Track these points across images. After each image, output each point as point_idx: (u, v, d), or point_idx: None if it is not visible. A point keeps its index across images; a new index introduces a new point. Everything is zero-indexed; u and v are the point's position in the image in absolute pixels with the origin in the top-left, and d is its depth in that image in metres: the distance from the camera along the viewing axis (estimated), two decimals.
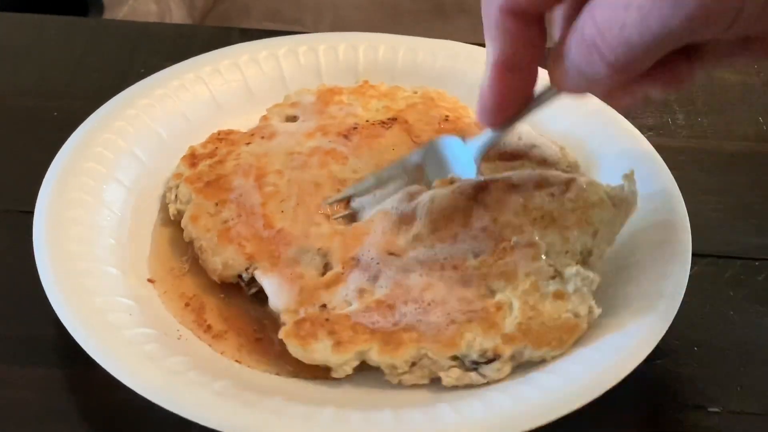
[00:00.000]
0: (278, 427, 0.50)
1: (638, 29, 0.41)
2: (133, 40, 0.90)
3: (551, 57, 0.49)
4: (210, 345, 0.59)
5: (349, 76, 0.79)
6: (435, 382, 0.56)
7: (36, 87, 0.84)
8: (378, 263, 0.58)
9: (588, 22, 0.44)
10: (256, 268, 0.60)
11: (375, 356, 0.54)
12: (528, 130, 0.71)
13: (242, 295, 0.62)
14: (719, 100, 0.86)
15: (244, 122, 0.73)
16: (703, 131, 0.83)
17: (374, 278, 0.57)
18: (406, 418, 0.52)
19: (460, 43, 0.82)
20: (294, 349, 0.55)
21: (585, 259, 0.59)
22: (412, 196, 0.61)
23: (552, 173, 0.62)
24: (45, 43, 0.90)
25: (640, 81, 0.47)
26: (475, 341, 0.54)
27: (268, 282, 0.58)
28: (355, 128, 0.70)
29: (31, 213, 0.62)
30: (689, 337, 0.62)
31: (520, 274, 0.56)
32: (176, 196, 0.67)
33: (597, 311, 0.57)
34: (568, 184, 0.60)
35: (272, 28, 1.20)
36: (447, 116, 0.72)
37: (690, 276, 0.60)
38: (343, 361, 0.54)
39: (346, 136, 0.69)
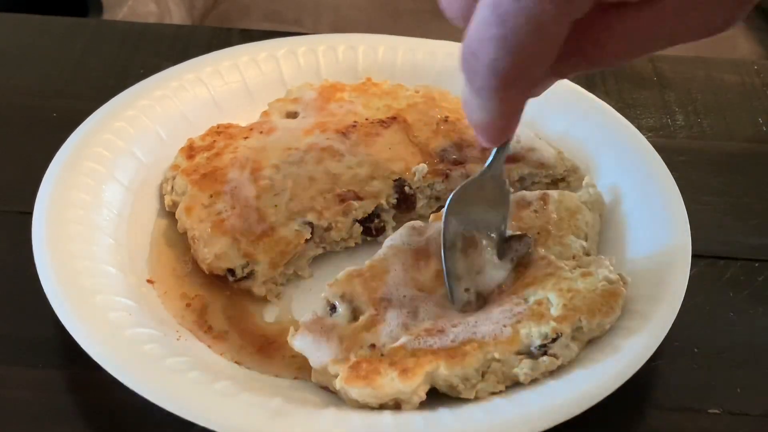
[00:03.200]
0: (278, 428, 0.50)
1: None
2: (133, 41, 0.90)
3: None
4: (210, 346, 0.59)
5: (349, 76, 0.79)
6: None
7: (36, 87, 0.84)
8: (412, 300, 0.58)
9: None
10: (253, 268, 0.61)
11: (445, 372, 0.53)
12: (527, 132, 0.71)
13: (248, 295, 0.62)
14: (719, 101, 0.86)
15: (243, 123, 0.73)
16: (702, 132, 0.83)
17: (414, 314, 0.57)
18: (406, 422, 0.52)
19: (460, 44, 0.81)
20: (360, 391, 0.53)
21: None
22: (419, 231, 0.62)
23: (526, 192, 0.65)
24: (45, 43, 0.90)
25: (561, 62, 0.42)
26: (532, 331, 0.55)
27: (301, 341, 0.56)
28: (354, 126, 0.71)
29: (31, 213, 0.62)
30: (689, 338, 0.62)
31: (543, 278, 0.58)
32: (172, 187, 0.67)
33: (628, 279, 0.58)
34: (543, 198, 0.64)
35: (272, 28, 1.20)
36: (447, 117, 0.72)
37: (690, 277, 0.60)
38: (414, 387, 0.53)
39: (344, 134, 0.70)
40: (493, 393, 0.54)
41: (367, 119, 0.72)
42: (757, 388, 0.60)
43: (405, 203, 0.67)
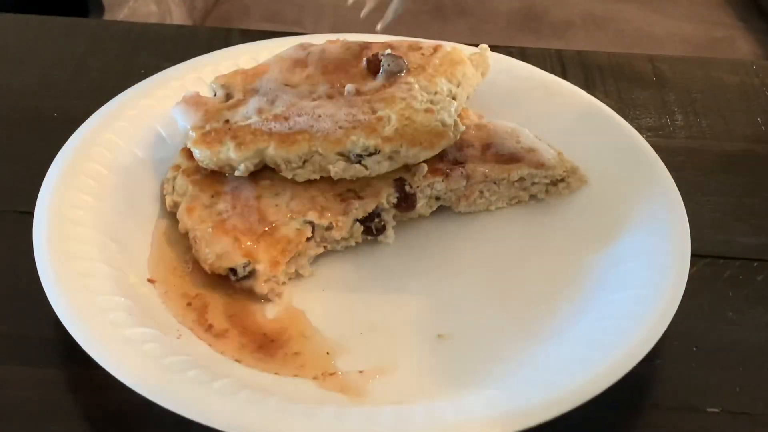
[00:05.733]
0: (279, 426, 0.50)
1: None
2: (134, 41, 0.90)
3: None
4: (210, 345, 0.59)
5: None
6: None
7: (37, 87, 0.84)
8: (275, 90, 0.67)
9: None
10: (255, 267, 0.61)
11: (272, 152, 0.63)
12: (526, 133, 0.72)
13: (249, 294, 0.62)
14: (718, 101, 0.86)
15: None
16: (701, 132, 0.83)
17: (272, 101, 0.66)
18: (405, 415, 0.52)
19: (459, 45, 0.82)
20: (202, 154, 0.64)
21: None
22: (304, 47, 0.72)
23: (425, 41, 0.73)
24: (46, 43, 0.90)
25: None
26: (359, 141, 0.63)
27: (177, 109, 0.67)
28: None
29: (31, 213, 0.62)
30: (688, 338, 0.62)
31: (397, 99, 0.65)
32: (173, 187, 0.67)
33: (461, 127, 0.66)
34: (436, 48, 0.72)
35: (272, 29, 1.21)
36: None
37: (689, 276, 0.60)
38: (245, 157, 0.63)
39: None
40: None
41: None
42: (757, 387, 0.60)
43: (405, 202, 0.67)
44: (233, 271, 0.61)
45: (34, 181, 0.65)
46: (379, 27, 0.80)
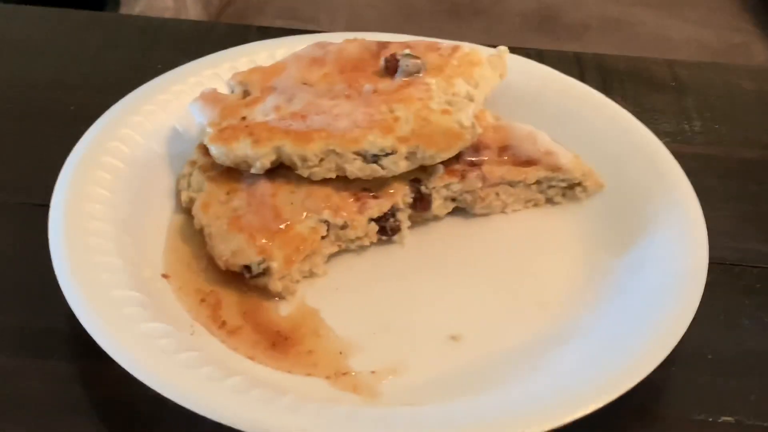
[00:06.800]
0: (290, 424, 0.50)
1: None
2: (151, 36, 0.90)
3: None
4: (223, 342, 0.59)
5: None
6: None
7: (53, 81, 0.84)
8: (293, 88, 0.67)
9: None
10: (269, 264, 0.61)
11: (288, 149, 0.63)
12: (543, 136, 0.71)
13: (263, 292, 0.62)
14: (736, 108, 0.86)
15: None
16: (719, 138, 0.82)
17: (289, 99, 0.66)
18: (419, 417, 0.52)
19: (474, 45, 0.81)
20: (218, 151, 0.64)
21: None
22: (322, 46, 0.72)
23: (443, 41, 0.73)
24: (62, 37, 0.90)
25: None
26: (376, 141, 0.63)
27: (194, 105, 0.68)
28: None
29: (47, 206, 0.63)
30: (703, 345, 0.62)
31: (414, 99, 0.65)
32: (189, 183, 0.67)
33: (479, 129, 0.66)
34: (454, 49, 0.72)
35: (287, 25, 1.21)
36: None
37: (705, 284, 0.59)
38: (261, 154, 0.63)
39: None
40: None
41: None
42: None
43: (421, 203, 0.67)
44: (247, 268, 0.61)
45: (51, 174, 0.65)
46: None
